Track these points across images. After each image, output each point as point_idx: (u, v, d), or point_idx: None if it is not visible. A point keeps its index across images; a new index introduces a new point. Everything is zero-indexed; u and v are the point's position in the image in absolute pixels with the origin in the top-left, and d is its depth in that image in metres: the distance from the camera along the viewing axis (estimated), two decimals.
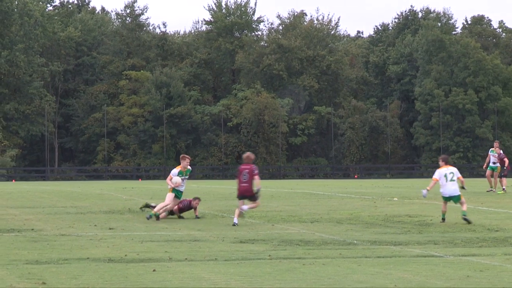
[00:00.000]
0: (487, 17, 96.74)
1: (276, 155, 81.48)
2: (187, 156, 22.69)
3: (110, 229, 19.55)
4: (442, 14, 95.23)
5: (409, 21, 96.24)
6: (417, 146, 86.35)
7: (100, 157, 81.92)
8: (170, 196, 21.96)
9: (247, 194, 20.50)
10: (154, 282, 11.50)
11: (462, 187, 21.84)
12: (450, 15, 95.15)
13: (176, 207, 22.48)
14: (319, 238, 17.42)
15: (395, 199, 30.31)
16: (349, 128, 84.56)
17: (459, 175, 21.93)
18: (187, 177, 22.24)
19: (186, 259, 14.03)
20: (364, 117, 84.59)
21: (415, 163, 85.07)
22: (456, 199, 21.54)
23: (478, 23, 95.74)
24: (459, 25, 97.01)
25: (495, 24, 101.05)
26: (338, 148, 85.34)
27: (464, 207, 21.29)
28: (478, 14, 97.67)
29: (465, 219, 20.83)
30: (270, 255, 14.40)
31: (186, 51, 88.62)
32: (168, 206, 22.08)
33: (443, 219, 21.28)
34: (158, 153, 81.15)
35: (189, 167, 22.42)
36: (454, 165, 21.86)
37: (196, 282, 11.52)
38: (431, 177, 22.76)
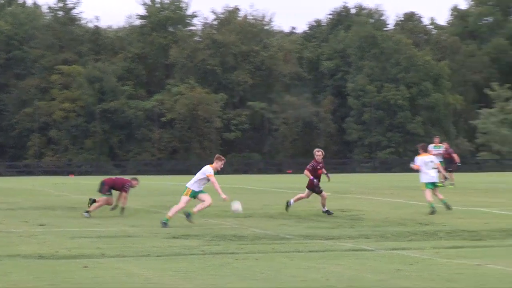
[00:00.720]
0: (418, 14, 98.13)
1: (210, 150, 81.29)
2: (223, 157, 20.60)
3: (41, 225, 19.30)
4: (374, 10, 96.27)
5: (342, 18, 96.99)
6: (350, 141, 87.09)
7: (31, 152, 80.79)
8: (185, 199, 19.54)
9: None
10: (86, 278, 11.39)
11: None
12: (382, 12, 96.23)
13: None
14: (252, 233, 17.46)
15: (328, 194, 30.52)
16: (282, 123, 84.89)
17: (437, 162, 23.17)
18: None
19: (118, 255, 13.93)
20: (297, 112, 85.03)
21: (347, 158, 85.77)
22: (436, 184, 22.87)
23: (410, 20, 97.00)
24: (391, 21, 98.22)
25: (426, 21, 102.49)
26: (272, 143, 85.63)
27: (441, 196, 22.66)
28: (410, 11, 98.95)
29: (446, 206, 22.32)
30: (203, 250, 14.38)
31: (119, 46, 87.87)
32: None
33: (433, 208, 21.98)
34: (91, 149, 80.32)
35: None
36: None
37: (129, 278, 11.44)
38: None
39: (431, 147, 37.02)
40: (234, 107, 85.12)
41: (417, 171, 23.23)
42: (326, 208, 22.16)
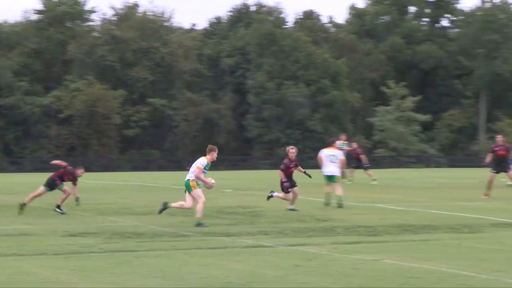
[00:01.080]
0: (317, 12, 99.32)
1: (109, 147, 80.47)
2: (215, 147, 19.59)
3: None
4: (273, 8, 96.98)
5: (242, 15, 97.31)
6: (250, 138, 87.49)
7: None
8: (198, 192, 18.59)
9: None
10: None
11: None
12: (281, 10, 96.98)
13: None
14: (151, 230, 17.36)
15: (229, 190, 30.60)
16: (183, 120, 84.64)
17: (341, 158, 23.35)
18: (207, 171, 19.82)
19: (14, 254, 13.65)
20: (197, 109, 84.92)
21: (247, 155, 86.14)
22: (334, 178, 23.61)
23: (309, 18, 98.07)
24: (290, 19, 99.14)
25: (324, 20, 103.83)
26: (172, 140, 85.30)
27: (339, 192, 23.20)
28: (309, 9, 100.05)
29: (339, 204, 22.91)
30: (102, 248, 14.22)
31: (15, 41, 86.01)
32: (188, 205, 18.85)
33: (328, 202, 22.37)
34: None
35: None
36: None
37: (25, 277, 11.23)
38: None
39: (338, 143, 37.62)
40: (133, 103, 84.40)
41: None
42: (292, 206, 22.16)
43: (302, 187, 33.71)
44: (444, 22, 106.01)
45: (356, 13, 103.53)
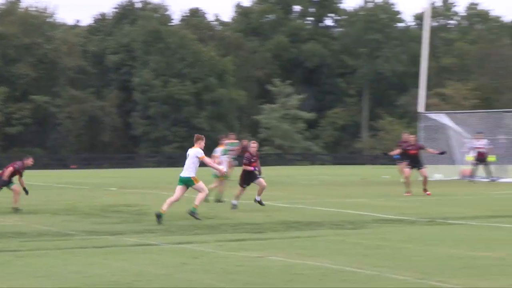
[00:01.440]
0: (203, 10, 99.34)
1: None
2: (202, 136, 20.02)
3: None
4: (159, 5, 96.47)
5: (127, 12, 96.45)
6: (136, 136, 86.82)
7: None
8: (201, 184, 19.26)
9: None
10: None
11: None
12: (167, 7, 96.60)
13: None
14: (35, 229, 17.02)
15: (113, 188, 30.30)
16: (67, 117, 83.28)
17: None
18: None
19: None
20: (82, 106, 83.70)
21: (133, 153, 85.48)
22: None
23: (194, 16, 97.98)
24: (176, 17, 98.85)
25: (210, 17, 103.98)
26: (55, 138, 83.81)
27: (213, 186, 23.98)
28: (194, 7, 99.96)
29: (216, 199, 23.95)
30: None
31: None
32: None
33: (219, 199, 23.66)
34: None
35: None
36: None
37: None
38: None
39: (226, 142, 37.59)
40: (16, 100, 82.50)
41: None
42: (259, 198, 22.21)
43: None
44: (328, 22, 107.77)
45: (242, 12, 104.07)
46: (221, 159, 24.88)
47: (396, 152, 31.42)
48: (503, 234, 15.79)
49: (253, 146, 22.77)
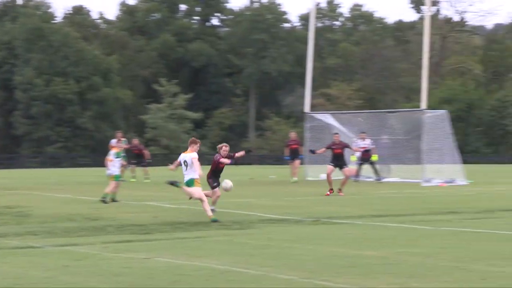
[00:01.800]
0: (87, 8, 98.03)
1: None
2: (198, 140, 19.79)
3: None
4: (41, 2, 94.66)
5: (8, 9, 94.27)
6: (17, 136, 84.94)
7: None
8: (199, 189, 19.13)
9: None
10: None
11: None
12: (49, 4, 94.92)
13: None
14: None
15: None
16: None
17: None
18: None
19: None
20: None
21: (15, 153, 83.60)
22: (116, 177, 24.47)
23: (78, 13, 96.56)
24: (59, 14, 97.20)
25: (95, 15, 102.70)
26: None
27: (108, 189, 24.09)
28: (78, 5, 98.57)
29: (103, 200, 23.66)
30: None
31: None
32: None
33: (104, 198, 23.63)
34: None
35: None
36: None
37: None
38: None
39: (113, 142, 37.32)
40: None
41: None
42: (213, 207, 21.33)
43: (72, 185, 33.20)
44: (215, 21, 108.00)
45: (127, 10, 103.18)
46: (115, 161, 24.63)
47: (286, 152, 32.07)
48: (387, 233, 16.14)
49: (224, 149, 21.50)
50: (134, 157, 38.36)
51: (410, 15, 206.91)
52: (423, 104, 36.88)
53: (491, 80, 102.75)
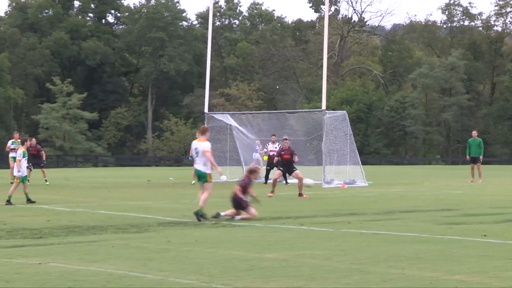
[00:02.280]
0: None
1: None
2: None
3: None
4: None
5: None
6: None
7: None
8: (211, 185, 19.68)
9: None
10: None
11: None
12: None
13: None
14: None
15: None
16: None
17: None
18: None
19: None
20: None
21: None
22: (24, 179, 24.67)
23: None
24: None
25: None
26: None
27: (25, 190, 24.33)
28: None
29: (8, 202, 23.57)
30: None
31: None
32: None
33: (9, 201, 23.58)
34: None
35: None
36: None
37: None
38: None
39: (10, 143, 36.70)
40: None
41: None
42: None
43: None
44: (110, 18, 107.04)
45: (17, 6, 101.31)
46: (23, 161, 24.29)
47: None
48: (287, 236, 16.27)
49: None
50: (31, 158, 37.67)
51: (309, 14, 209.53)
52: (323, 104, 37.33)
53: (390, 81, 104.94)
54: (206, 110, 43.04)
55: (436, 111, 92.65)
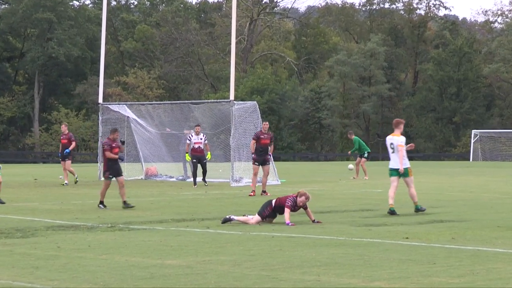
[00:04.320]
0: None
1: None
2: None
3: None
4: None
5: None
6: None
7: None
8: None
9: None
10: None
11: None
12: None
13: None
14: None
15: None
16: None
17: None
18: None
19: None
20: None
21: None
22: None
23: None
24: None
25: None
26: None
27: None
28: None
29: None
30: None
31: None
32: None
33: None
34: None
35: None
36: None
37: None
38: None
39: None
40: None
41: None
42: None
43: None
44: None
45: None
46: None
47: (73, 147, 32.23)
48: (191, 240, 16.27)
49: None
50: None
51: None
52: (231, 94, 37.39)
53: (305, 69, 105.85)
54: (100, 100, 42.70)
55: (354, 101, 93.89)
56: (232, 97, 37.40)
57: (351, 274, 11.90)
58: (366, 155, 40.00)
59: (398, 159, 21.41)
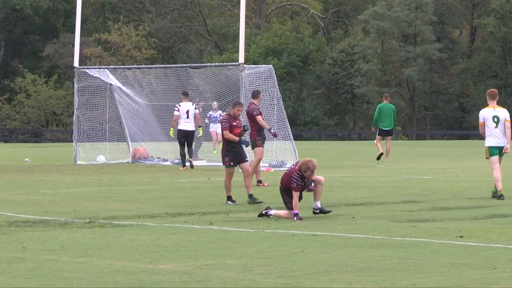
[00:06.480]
0: None
1: None
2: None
3: None
4: None
5: None
6: None
7: None
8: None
9: None
10: None
11: None
12: None
13: None
14: None
15: None
16: None
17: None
18: None
19: None
20: None
21: None
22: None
23: None
24: None
25: None
26: None
27: None
28: None
29: None
30: None
31: None
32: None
33: None
34: None
35: None
36: None
37: None
38: None
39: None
40: None
41: None
42: None
43: None
44: None
45: None
46: None
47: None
48: (190, 238, 16.30)
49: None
50: None
51: None
52: (241, 56, 37.35)
53: (334, 24, 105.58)
54: (76, 63, 42.68)
55: (395, 65, 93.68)
56: (241, 59, 37.35)
57: (391, 282, 11.91)
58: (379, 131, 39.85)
59: (504, 136, 22.69)
